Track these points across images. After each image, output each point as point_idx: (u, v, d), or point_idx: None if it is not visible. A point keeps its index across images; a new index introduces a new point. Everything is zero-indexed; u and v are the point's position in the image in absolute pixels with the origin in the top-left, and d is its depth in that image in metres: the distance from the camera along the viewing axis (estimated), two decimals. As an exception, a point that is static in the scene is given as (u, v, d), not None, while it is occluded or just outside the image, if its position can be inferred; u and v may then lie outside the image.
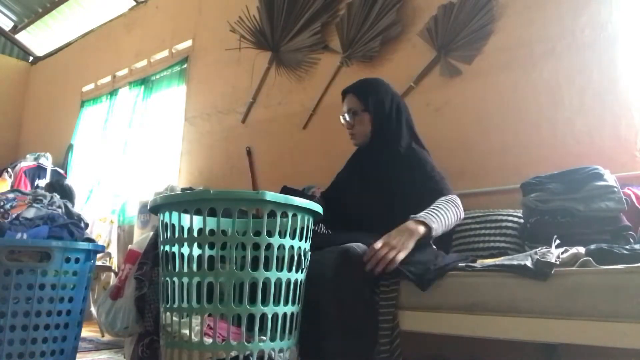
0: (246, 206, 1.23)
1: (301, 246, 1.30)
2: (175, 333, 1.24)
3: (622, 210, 1.53)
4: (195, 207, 1.22)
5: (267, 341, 1.22)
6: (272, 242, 1.22)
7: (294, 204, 1.26)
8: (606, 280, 1.10)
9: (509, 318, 1.21)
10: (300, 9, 3.07)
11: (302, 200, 1.29)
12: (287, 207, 1.26)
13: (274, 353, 1.23)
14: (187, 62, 3.96)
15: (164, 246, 1.29)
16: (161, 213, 1.29)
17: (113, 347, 2.60)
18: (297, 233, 1.28)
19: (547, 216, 1.61)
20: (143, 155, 4.12)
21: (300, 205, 1.27)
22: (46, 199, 1.94)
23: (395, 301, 1.37)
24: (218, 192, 1.22)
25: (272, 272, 1.22)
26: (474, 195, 2.18)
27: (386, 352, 1.33)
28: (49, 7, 5.20)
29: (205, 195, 1.22)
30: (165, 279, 1.30)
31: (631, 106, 1.93)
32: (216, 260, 1.22)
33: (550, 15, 2.18)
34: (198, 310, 1.21)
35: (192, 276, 1.24)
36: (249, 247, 1.21)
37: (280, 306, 1.24)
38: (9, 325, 1.61)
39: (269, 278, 1.21)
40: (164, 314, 1.30)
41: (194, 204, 1.22)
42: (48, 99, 5.67)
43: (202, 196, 1.24)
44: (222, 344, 1.19)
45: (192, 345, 1.20)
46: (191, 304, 1.22)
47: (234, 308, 1.20)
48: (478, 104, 2.32)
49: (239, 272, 1.21)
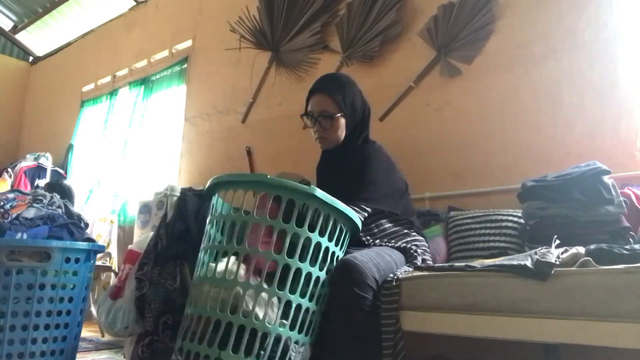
0: (297, 198, 1.27)
1: (334, 250, 1.34)
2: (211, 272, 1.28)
3: (622, 214, 1.53)
4: (252, 188, 1.29)
5: (295, 331, 1.25)
6: (310, 237, 1.27)
7: (337, 207, 1.30)
8: (606, 280, 1.10)
9: (509, 318, 1.21)
10: (300, 9, 3.07)
11: (346, 208, 1.33)
12: (331, 209, 1.30)
13: (290, 342, 1.25)
14: (187, 62, 3.96)
15: (215, 222, 1.34)
16: (217, 191, 1.36)
17: (113, 347, 2.60)
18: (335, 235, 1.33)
19: (547, 219, 1.60)
20: (143, 155, 4.12)
21: (341, 210, 1.32)
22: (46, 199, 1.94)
23: (397, 304, 1.37)
24: (274, 179, 1.28)
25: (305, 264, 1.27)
26: (474, 195, 2.18)
27: (389, 355, 1.33)
28: (49, 7, 5.20)
29: (263, 179, 1.28)
30: (212, 250, 1.34)
31: (631, 106, 1.93)
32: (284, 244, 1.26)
33: (550, 15, 2.18)
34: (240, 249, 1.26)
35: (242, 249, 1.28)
36: (289, 235, 1.25)
37: (306, 299, 1.27)
38: (9, 325, 1.61)
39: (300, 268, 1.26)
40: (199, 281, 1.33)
41: (250, 185, 1.30)
42: (48, 99, 5.67)
43: (260, 179, 1.30)
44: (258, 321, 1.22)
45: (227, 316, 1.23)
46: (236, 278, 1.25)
47: (277, 291, 1.23)
48: (478, 104, 2.32)
49: (289, 259, 1.25)
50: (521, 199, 1.71)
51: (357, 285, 1.31)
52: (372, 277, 1.34)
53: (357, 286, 1.31)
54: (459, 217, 2.01)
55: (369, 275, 1.33)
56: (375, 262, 1.40)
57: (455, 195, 2.26)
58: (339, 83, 1.72)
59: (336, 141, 1.72)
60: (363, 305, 1.32)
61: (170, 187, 3.17)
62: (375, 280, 1.35)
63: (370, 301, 1.34)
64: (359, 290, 1.31)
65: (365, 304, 1.32)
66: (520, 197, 1.71)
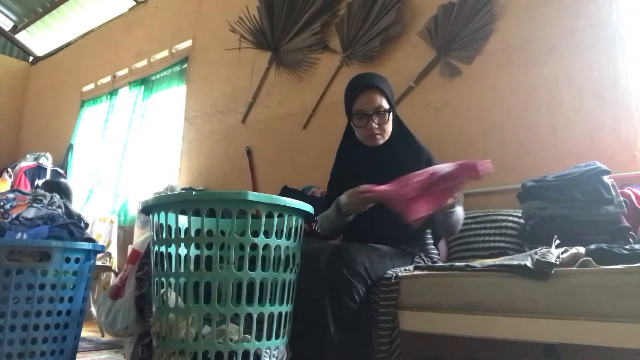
0: (230, 207, 1.23)
1: (289, 245, 1.30)
2: (171, 334, 1.24)
3: (621, 214, 1.53)
4: (180, 208, 1.24)
5: (263, 340, 1.22)
6: (257, 242, 1.23)
7: (281, 203, 1.26)
8: (606, 280, 1.10)
9: (509, 318, 1.21)
10: (300, 9, 3.07)
11: (291, 200, 1.28)
12: (274, 207, 1.26)
13: (270, 351, 1.23)
14: (187, 62, 3.96)
15: (157, 246, 1.30)
16: (152, 214, 1.31)
17: (113, 347, 2.60)
18: (284, 233, 1.28)
19: (547, 219, 1.60)
20: (143, 155, 4.12)
21: (287, 205, 1.27)
22: (46, 199, 1.94)
23: (395, 301, 1.37)
24: (201, 194, 1.27)
25: (258, 272, 1.23)
26: (474, 195, 2.18)
27: (385, 352, 1.33)
28: (49, 7, 5.20)
29: (189, 197, 1.25)
30: (159, 279, 1.30)
31: (631, 106, 1.93)
32: (214, 260, 1.22)
33: (550, 15, 2.18)
34: (196, 311, 1.21)
35: (190, 276, 1.24)
36: (234, 247, 1.21)
37: (276, 306, 1.25)
38: (9, 325, 1.61)
39: (254, 278, 1.22)
40: (158, 315, 1.29)
41: (179, 205, 1.25)
42: (48, 99, 5.67)
43: (185, 197, 1.27)
44: (220, 343, 1.19)
45: (189, 345, 1.20)
46: (188, 305, 1.22)
47: (233, 308, 1.20)
48: (478, 104, 2.32)
49: (237, 272, 1.21)
50: (521, 199, 1.71)
51: (346, 266, 1.33)
52: (363, 265, 1.36)
53: (346, 268, 1.33)
54: (459, 217, 2.01)
55: (358, 261, 1.36)
56: (368, 253, 1.42)
57: (455, 195, 2.25)
58: (382, 78, 1.72)
59: (388, 136, 1.70)
60: (352, 291, 1.32)
61: (170, 187, 3.18)
62: (365, 268, 1.37)
63: (360, 291, 1.34)
64: (347, 273, 1.32)
65: (355, 291, 1.33)
66: (520, 197, 1.71)
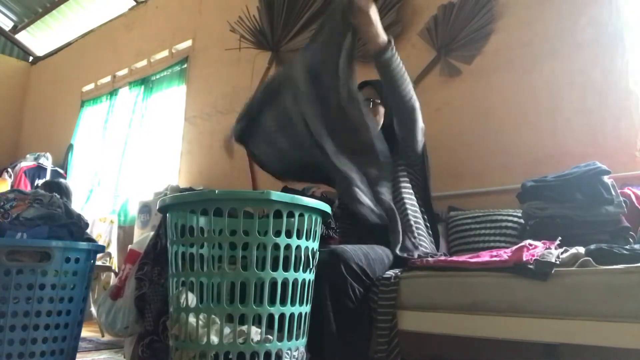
0: (252, 206, 1.22)
1: (309, 246, 1.27)
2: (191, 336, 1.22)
3: (621, 214, 1.53)
4: (202, 207, 1.21)
5: (284, 340, 1.21)
6: (279, 242, 1.21)
7: (301, 203, 1.25)
8: (606, 280, 1.10)
9: (509, 318, 1.21)
10: (300, 9, 3.07)
11: (310, 200, 1.27)
12: (294, 207, 1.24)
13: (290, 352, 1.22)
14: (187, 62, 3.96)
15: (177, 246, 1.27)
16: (169, 213, 1.28)
17: (113, 347, 2.60)
18: (304, 233, 1.26)
19: (547, 219, 1.60)
20: (143, 155, 4.12)
21: (307, 205, 1.26)
22: (46, 199, 1.93)
23: (395, 301, 1.37)
24: (224, 192, 1.21)
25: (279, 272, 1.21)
26: (474, 195, 2.18)
27: (384, 351, 1.33)
28: (49, 7, 5.20)
29: (211, 196, 1.21)
30: (178, 279, 1.28)
31: (631, 106, 1.93)
32: (238, 260, 1.19)
33: (550, 15, 2.18)
34: (218, 311, 1.19)
35: (211, 276, 1.21)
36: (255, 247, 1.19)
37: (296, 306, 1.23)
38: (9, 325, 1.60)
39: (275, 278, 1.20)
40: (175, 315, 1.27)
41: (200, 204, 1.22)
42: (48, 99, 5.67)
43: (208, 196, 1.23)
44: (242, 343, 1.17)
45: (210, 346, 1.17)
46: (209, 306, 1.20)
47: (255, 308, 1.18)
48: (478, 104, 2.32)
49: (259, 272, 1.19)
50: (521, 199, 1.70)
51: (344, 263, 1.34)
52: (359, 263, 1.37)
53: (344, 267, 1.34)
54: (459, 217, 2.01)
55: (356, 260, 1.37)
56: (365, 251, 1.43)
57: (455, 195, 2.25)
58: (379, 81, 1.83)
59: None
60: (350, 291, 1.33)
61: (170, 187, 3.18)
62: (363, 268, 1.38)
63: (358, 291, 1.35)
64: (344, 270, 1.33)
65: (352, 291, 1.34)
66: (520, 197, 1.71)
